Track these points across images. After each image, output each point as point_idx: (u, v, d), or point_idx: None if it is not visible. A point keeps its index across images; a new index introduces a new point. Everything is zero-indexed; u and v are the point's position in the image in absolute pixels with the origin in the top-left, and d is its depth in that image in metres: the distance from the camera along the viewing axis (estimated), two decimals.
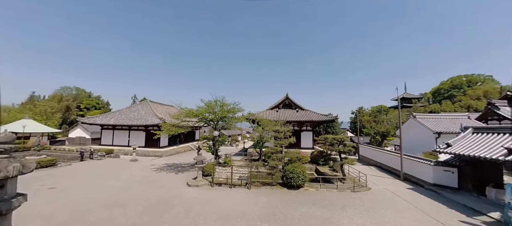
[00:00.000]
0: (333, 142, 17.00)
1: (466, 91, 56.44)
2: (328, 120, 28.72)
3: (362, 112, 55.46)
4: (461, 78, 61.66)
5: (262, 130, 21.30)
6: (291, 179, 13.22)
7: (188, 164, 21.74)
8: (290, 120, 27.29)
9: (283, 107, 31.94)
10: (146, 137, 29.40)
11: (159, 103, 37.65)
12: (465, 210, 10.47)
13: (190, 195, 12.11)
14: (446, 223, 8.93)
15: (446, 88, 62.77)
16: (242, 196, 12.21)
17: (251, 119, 24.72)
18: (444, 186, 13.82)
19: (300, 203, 11.07)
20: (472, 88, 56.37)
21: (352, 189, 13.48)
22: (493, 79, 58.51)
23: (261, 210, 10.12)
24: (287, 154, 15.95)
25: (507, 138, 10.84)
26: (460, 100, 52.93)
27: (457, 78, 62.33)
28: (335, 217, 9.42)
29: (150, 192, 12.52)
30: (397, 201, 11.77)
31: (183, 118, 18.82)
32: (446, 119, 25.93)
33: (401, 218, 9.48)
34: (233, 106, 19.04)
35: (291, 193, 12.81)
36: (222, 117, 18.85)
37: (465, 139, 13.06)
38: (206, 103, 18.70)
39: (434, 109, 51.10)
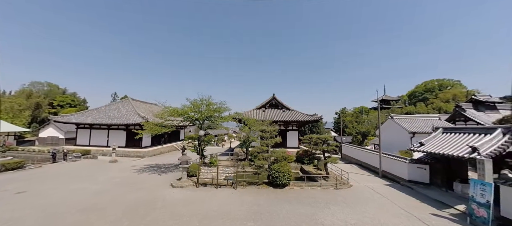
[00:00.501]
0: (318, 142, 17.51)
1: (438, 94, 61.01)
2: (313, 120, 29.51)
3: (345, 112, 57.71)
4: (433, 82, 66.55)
5: (249, 130, 21.32)
6: (277, 178, 13.39)
7: (172, 164, 21.13)
8: (276, 120, 27.63)
9: (270, 107, 32.22)
10: (127, 136, 28.06)
11: (142, 101, 36.11)
12: (436, 203, 11.35)
13: (174, 197, 11.78)
14: (419, 217, 9.60)
15: (420, 91, 67.36)
16: (228, 196, 12.13)
17: (238, 119, 24.64)
18: (417, 182, 14.85)
19: (286, 202, 11.26)
20: (443, 91, 61.08)
21: (335, 187, 13.98)
22: (460, 83, 63.88)
23: (247, 209, 10.13)
24: (273, 154, 16.14)
25: (471, 138, 11.92)
26: (432, 103, 57.11)
27: (430, 82, 67.20)
28: (318, 214, 9.71)
29: (131, 195, 11.98)
30: (376, 197, 12.43)
31: (167, 117, 18.24)
32: (420, 120, 27.87)
33: (379, 212, 10.02)
34: (220, 105, 18.85)
35: (277, 192, 12.98)
36: (208, 117, 18.59)
37: (435, 138, 14.14)
38: (191, 102, 18.30)
39: (410, 111, 54.61)
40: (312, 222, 8.84)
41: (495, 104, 26.82)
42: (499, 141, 10.50)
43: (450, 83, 64.85)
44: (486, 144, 10.46)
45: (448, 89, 62.15)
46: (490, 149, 10.08)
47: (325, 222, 8.92)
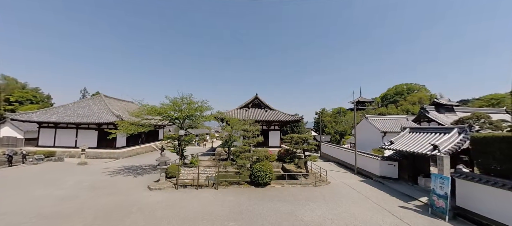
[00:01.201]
0: (298, 141, 18.02)
1: (406, 97, 66.60)
2: (294, 120, 30.28)
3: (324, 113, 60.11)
4: (402, 86, 72.45)
5: (231, 129, 21.16)
6: (259, 177, 13.49)
7: (150, 166, 20.13)
8: (259, 120, 27.80)
9: (253, 106, 32.33)
10: (99, 136, 26.05)
11: (116, 98, 33.79)
12: (403, 196, 12.39)
13: (151, 199, 11.23)
14: (388, 209, 10.41)
15: (392, 94, 72.92)
16: (209, 196, 11.92)
17: (220, 118, 24.30)
18: (387, 177, 16.07)
19: (267, 200, 11.41)
20: (410, 95, 66.83)
21: (314, 184, 14.52)
22: (426, 88, 70.45)
23: (228, 209, 10.06)
24: (255, 153, 16.22)
25: (433, 136, 13.23)
26: (402, 105, 62.22)
27: (400, 86, 73.05)
28: (298, 211, 10.01)
29: (103, 199, 11.15)
30: (351, 193, 13.18)
31: (145, 115, 17.33)
32: (391, 120, 30.15)
33: (354, 207, 10.65)
34: (201, 104, 18.40)
35: (258, 191, 13.08)
36: (189, 116, 18.04)
37: (403, 137, 15.43)
38: (171, 100, 17.61)
39: (382, 112, 58.80)
40: (292, 219, 9.08)
41: (453, 107, 30.10)
42: (455, 139, 11.81)
43: (417, 87, 71.18)
44: (445, 142, 11.70)
45: (415, 92, 68.15)
46: (448, 146, 11.30)
47: (305, 218, 9.22)
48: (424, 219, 9.35)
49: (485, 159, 9.35)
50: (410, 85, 72.05)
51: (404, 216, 9.57)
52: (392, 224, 8.80)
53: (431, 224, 8.82)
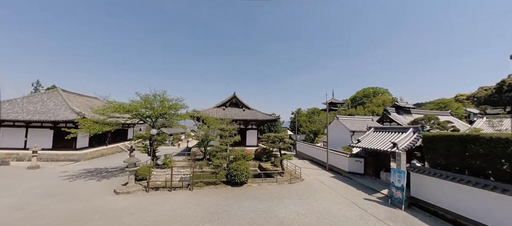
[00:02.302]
0: (275, 140, 18.44)
1: (372, 99, 72.87)
2: (271, 119, 30.86)
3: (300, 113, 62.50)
4: (369, 90, 79.06)
5: (208, 129, 20.68)
6: (235, 176, 13.46)
7: (117, 168, 18.58)
8: (236, 119, 27.66)
9: (230, 105, 32.04)
10: (55, 136, 23.10)
11: (77, 93, 30.30)
12: (368, 190, 13.57)
13: (118, 205, 10.39)
14: (354, 202, 11.31)
15: (360, 96, 79.04)
16: (183, 198, 11.49)
17: (196, 117, 23.53)
18: (355, 173, 17.42)
19: (243, 199, 11.45)
20: (376, 97, 73.31)
21: (289, 181, 15.02)
22: (388, 91, 77.98)
23: (204, 210, 9.84)
24: (232, 152, 16.13)
25: (393, 135, 14.74)
26: (368, 106, 67.90)
27: (367, 89, 79.60)
28: (273, 208, 10.26)
29: (60, 206, 9.96)
30: (323, 188, 13.97)
31: (111, 113, 15.91)
32: (358, 120, 32.67)
33: (325, 201, 11.32)
34: (176, 102, 17.56)
35: (235, 190, 13.05)
36: (162, 114, 17.09)
37: (368, 136, 16.88)
38: (142, 97, 16.47)
39: (352, 113, 63.41)
40: (268, 216, 9.28)
41: (410, 109, 33.90)
42: (410, 138, 13.33)
43: (381, 91, 78.36)
44: (402, 140, 13.13)
45: (380, 95, 74.98)
46: (404, 144, 12.70)
47: (279, 215, 9.50)
48: (385, 209, 10.39)
49: (433, 155, 10.75)
50: (375, 88, 78.99)
51: (368, 208, 10.50)
52: (358, 216, 9.58)
53: (390, 214, 9.83)
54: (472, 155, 8.70)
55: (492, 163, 8.03)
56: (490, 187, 7.66)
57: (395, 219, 9.26)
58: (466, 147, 8.92)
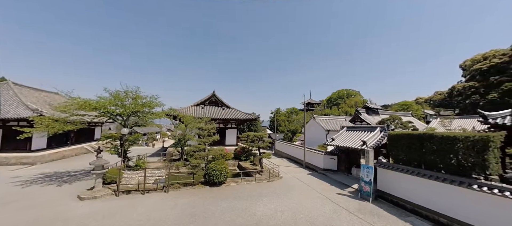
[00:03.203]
0: (254, 139, 18.58)
1: (346, 100, 77.61)
2: (251, 118, 30.98)
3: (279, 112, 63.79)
4: (343, 91, 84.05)
5: (185, 128, 20.00)
6: (213, 176, 13.24)
7: (81, 171, 16.94)
8: (215, 118, 27.20)
9: (209, 104, 31.37)
10: (4, 137, 20.18)
11: (32, 88, 26.74)
12: (340, 185, 14.45)
13: (82, 211, 9.49)
14: (328, 196, 11.97)
15: (335, 97, 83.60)
16: (158, 201, 10.95)
17: (173, 116, 22.54)
18: (329, 170, 18.41)
19: (222, 199, 11.33)
20: (349, 99, 78.24)
21: (268, 180, 15.28)
22: (360, 94, 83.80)
23: (180, 212, 9.51)
24: (211, 152, 15.83)
25: (363, 134, 15.90)
26: (342, 107, 72.15)
27: (342, 91, 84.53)
28: (252, 206, 10.35)
29: (12, 215, 8.75)
30: (300, 185, 14.50)
31: (75, 111, 14.44)
32: (333, 120, 34.52)
33: (302, 197, 11.77)
34: (151, 100, 16.61)
35: (213, 191, 12.84)
36: (135, 112, 16.01)
37: (341, 135, 17.97)
38: (112, 94, 15.24)
39: (327, 113, 66.74)
40: (246, 215, 9.33)
41: (378, 110, 36.89)
42: (378, 136, 14.54)
43: (354, 93, 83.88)
44: (371, 138, 14.25)
45: (352, 97, 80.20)
46: (373, 142, 13.81)
47: (258, 213, 9.62)
48: (355, 202, 11.19)
49: (396, 151, 11.88)
50: (349, 90, 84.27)
51: (340, 202, 11.20)
52: (331, 209, 10.16)
53: (360, 206, 10.61)
54: (427, 151, 9.82)
55: (443, 158, 9.17)
56: (441, 179, 8.75)
57: (364, 211, 10.03)
58: (423, 144, 10.04)
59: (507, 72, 34.82)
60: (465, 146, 8.31)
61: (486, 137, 7.84)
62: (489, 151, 7.73)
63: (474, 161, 8.05)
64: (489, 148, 7.73)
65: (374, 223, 8.75)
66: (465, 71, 45.97)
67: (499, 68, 36.47)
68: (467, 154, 8.25)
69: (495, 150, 7.86)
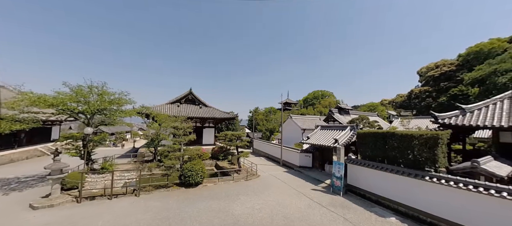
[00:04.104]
0: (232, 138, 18.46)
1: (321, 101, 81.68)
2: (229, 117, 30.71)
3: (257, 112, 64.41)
4: (318, 92, 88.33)
5: (159, 127, 18.97)
6: (190, 177, 12.82)
7: (34, 176, 14.93)
8: (192, 116, 26.34)
9: (186, 102, 30.22)
10: None
11: None
12: (315, 181, 15.19)
13: (35, 222, 8.38)
14: (303, 192, 12.50)
15: (311, 98, 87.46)
16: (127, 206, 10.21)
17: (145, 114, 21.18)
18: (305, 167, 19.21)
19: (198, 200, 11.04)
20: (324, 99, 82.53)
21: (246, 178, 15.34)
22: (334, 95, 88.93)
23: (153, 216, 9.01)
24: (187, 152, 15.28)
25: (335, 133, 16.93)
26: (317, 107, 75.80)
27: (317, 91, 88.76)
28: (230, 206, 10.29)
29: None
30: (277, 182, 14.85)
31: (26, 107, 12.66)
32: (309, 119, 36.01)
33: (278, 194, 12.08)
34: (120, 97, 15.36)
35: (189, 192, 12.43)
36: (101, 109, 14.65)
37: (316, 133, 18.90)
38: (73, 89, 13.72)
39: (303, 112, 69.43)
40: (223, 215, 9.24)
41: (349, 110, 39.59)
42: (348, 134, 15.62)
43: (328, 93, 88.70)
44: (342, 137, 15.25)
45: (326, 98, 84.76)
46: (344, 140, 14.80)
47: (235, 212, 9.60)
48: (327, 196, 11.87)
49: (363, 148, 12.92)
50: (323, 91, 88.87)
51: (314, 197, 11.78)
52: (306, 204, 10.63)
53: (331, 200, 11.30)
54: (389, 148, 10.88)
55: (402, 153, 10.26)
56: (400, 172, 9.78)
57: (335, 204, 10.72)
58: (386, 142, 11.09)
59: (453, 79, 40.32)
60: (420, 143, 9.41)
61: (436, 135, 8.99)
62: (439, 147, 8.88)
63: (427, 156, 9.18)
64: (438, 145, 8.88)
65: (344, 215, 9.41)
66: (421, 77, 51.94)
67: (447, 76, 42.03)
68: (421, 149, 9.36)
69: (443, 146, 9.05)
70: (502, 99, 10.21)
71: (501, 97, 10.37)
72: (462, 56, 41.61)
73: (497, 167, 8.32)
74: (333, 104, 71.42)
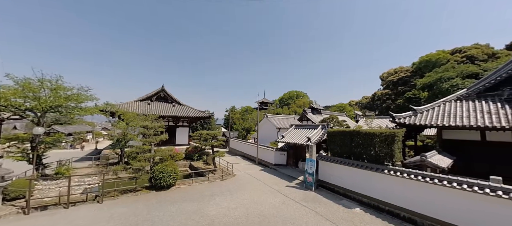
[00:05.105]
0: (207, 137, 18.04)
1: (295, 101, 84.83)
2: (205, 116, 29.88)
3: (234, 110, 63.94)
4: (293, 92, 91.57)
5: (126, 126, 17.53)
6: (161, 179, 12.15)
7: None
8: (165, 115, 24.98)
9: (157, 99, 28.48)
10: None
11: None
12: (289, 178, 15.75)
13: None
14: (278, 189, 12.87)
15: (286, 98, 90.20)
16: (88, 214, 9.24)
17: (110, 112, 19.36)
18: (279, 165, 19.77)
19: (170, 203, 10.54)
20: (298, 99, 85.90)
21: (221, 178, 15.14)
22: (307, 95, 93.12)
23: (118, 223, 8.32)
24: (158, 153, 14.44)
25: (308, 131, 17.77)
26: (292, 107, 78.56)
27: (292, 92, 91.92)
28: (204, 207, 10.06)
29: None
30: (252, 181, 15.00)
31: None
32: (284, 119, 37.11)
33: (254, 193, 12.22)
34: (79, 92, 13.75)
35: (161, 195, 11.79)
36: (56, 106, 12.92)
37: (290, 132, 19.59)
38: (19, 82, 11.84)
39: (279, 112, 71.27)
40: (198, 217, 9.00)
41: (321, 110, 41.90)
42: (320, 133, 16.53)
43: (302, 94, 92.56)
44: (314, 135, 16.09)
45: (301, 98, 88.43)
46: (315, 138, 15.63)
47: (210, 213, 9.43)
48: (301, 192, 12.43)
49: (333, 146, 13.86)
50: (298, 92, 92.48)
51: (288, 193, 12.22)
52: (281, 201, 10.96)
53: (304, 195, 11.86)
54: (355, 145, 11.88)
55: (366, 150, 11.29)
56: (364, 167, 10.75)
57: (307, 199, 11.28)
58: (352, 139, 12.07)
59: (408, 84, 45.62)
60: (380, 140, 10.47)
61: (393, 133, 10.10)
62: (395, 144, 10.01)
63: (386, 152, 10.26)
64: (395, 141, 10.00)
65: (315, 209, 9.97)
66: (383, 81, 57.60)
67: (404, 81, 47.39)
68: (381, 146, 10.42)
69: (399, 143, 10.22)
70: (444, 102, 11.94)
71: (444, 100, 12.12)
72: (415, 64, 47.39)
73: (440, 160, 9.72)
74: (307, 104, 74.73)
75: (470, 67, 32.35)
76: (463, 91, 11.95)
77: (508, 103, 9.69)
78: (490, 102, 10.27)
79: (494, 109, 9.70)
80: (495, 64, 29.23)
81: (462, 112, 10.46)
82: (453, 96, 12.10)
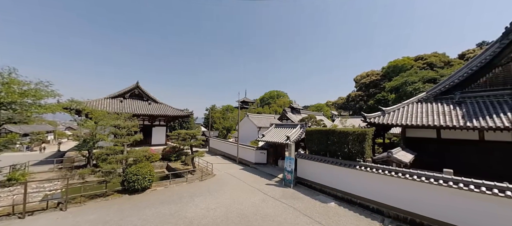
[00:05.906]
0: (186, 137, 17.48)
1: (276, 101, 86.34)
2: (184, 115, 28.86)
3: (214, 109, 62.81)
4: (274, 92, 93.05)
5: (95, 125, 16.17)
6: (135, 182, 11.47)
7: None
8: (139, 113, 23.58)
9: (131, 97, 26.74)
10: None
11: None
12: (269, 176, 16.00)
13: None
14: (258, 187, 13.01)
15: (267, 97, 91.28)
16: (48, 224, 8.34)
17: (76, 110, 17.63)
18: (260, 163, 19.97)
19: (146, 206, 10.00)
20: (279, 99, 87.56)
21: (200, 179, 14.80)
22: (287, 95, 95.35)
23: None
24: (131, 154, 13.57)
25: (288, 130, 18.24)
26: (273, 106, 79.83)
27: (273, 91, 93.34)
28: (182, 209, 9.75)
29: None
30: (233, 180, 14.93)
31: None
32: (265, 118, 37.55)
33: (234, 192, 12.18)
34: (37, 87, 12.24)
35: (134, 199, 11.12)
36: (8, 103, 11.36)
37: (271, 131, 19.91)
38: None
39: (260, 111, 71.90)
40: (175, 220, 8.69)
41: (300, 110, 43.26)
42: (298, 132, 17.08)
43: (282, 94, 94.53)
44: (293, 134, 16.57)
45: (281, 98, 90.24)
46: (294, 137, 16.11)
47: (189, 214, 9.17)
48: (280, 190, 12.73)
49: (310, 144, 14.44)
50: (279, 92, 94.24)
51: (268, 191, 12.43)
52: (260, 199, 11.10)
53: (283, 193, 12.17)
54: (331, 143, 12.53)
55: (340, 147, 11.98)
56: (338, 163, 11.41)
57: (286, 196, 11.60)
58: (328, 138, 12.71)
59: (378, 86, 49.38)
60: (353, 138, 11.20)
61: (364, 132, 10.88)
62: (366, 141, 10.79)
63: (358, 149, 11.00)
64: (366, 139, 10.78)
65: (293, 205, 10.30)
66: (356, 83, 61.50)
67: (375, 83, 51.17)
68: (354, 143, 11.15)
69: (369, 141, 11.04)
70: (408, 104, 13.20)
71: (407, 102, 13.40)
72: (385, 69, 51.54)
73: (404, 155, 10.75)
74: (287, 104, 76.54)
75: (430, 73, 36.26)
76: (423, 94, 13.35)
77: (458, 105, 11.09)
78: (444, 104, 11.63)
79: (447, 110, 11.02)
80: (450, 71, 33.16)
81: (422, 113, 11.68)
82: (415, 98, 13.44)
